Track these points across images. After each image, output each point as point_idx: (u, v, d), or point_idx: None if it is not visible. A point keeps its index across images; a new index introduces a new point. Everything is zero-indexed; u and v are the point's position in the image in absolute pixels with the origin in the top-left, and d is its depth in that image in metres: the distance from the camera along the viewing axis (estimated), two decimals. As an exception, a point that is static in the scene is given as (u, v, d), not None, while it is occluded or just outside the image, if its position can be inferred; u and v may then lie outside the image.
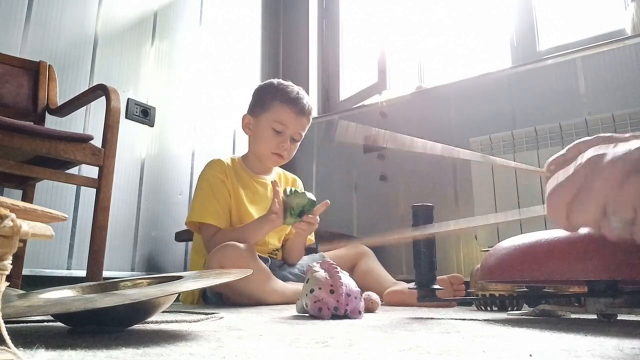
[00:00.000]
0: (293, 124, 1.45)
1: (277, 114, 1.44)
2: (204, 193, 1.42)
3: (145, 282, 0.70)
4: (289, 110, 1.44)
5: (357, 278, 1.54)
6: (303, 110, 1.45)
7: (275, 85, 1.49)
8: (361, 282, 1.50)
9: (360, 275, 1.50)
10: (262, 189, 1.52)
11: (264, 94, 1.49)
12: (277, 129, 1.44)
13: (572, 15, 2.03)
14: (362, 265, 1.54)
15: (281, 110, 1.44)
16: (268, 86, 1.50)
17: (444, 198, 1.99)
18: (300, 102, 1.45)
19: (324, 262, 0.86)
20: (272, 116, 1.45)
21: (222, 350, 0.43)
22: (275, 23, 2.77)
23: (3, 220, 0.30)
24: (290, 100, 1.44)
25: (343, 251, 1.58)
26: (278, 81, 1.51)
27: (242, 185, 1.47)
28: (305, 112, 1.46)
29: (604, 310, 0.77)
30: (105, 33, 1.82)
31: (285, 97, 1.45)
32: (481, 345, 0.48)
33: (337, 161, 2.38)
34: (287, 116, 1.44)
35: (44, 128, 1.25)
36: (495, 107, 1.95)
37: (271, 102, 1.46)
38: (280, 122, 1.44)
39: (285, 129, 1.44)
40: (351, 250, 1.58)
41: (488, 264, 0.84)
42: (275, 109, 1.45)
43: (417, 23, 2.52)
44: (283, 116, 1.44)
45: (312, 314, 0.80)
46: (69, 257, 1.58)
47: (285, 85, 1.49)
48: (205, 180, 1.44)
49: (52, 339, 0.49)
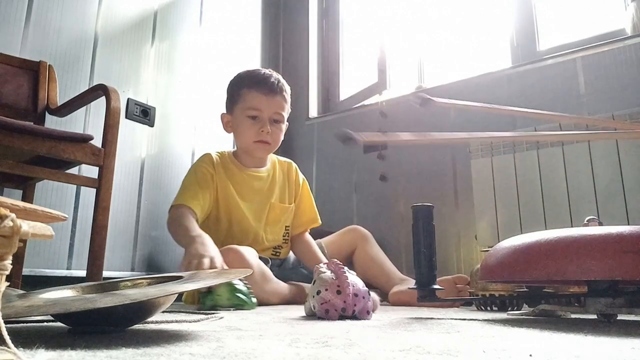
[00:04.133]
0: (265, 105, 1.40)
1: (247, 101, 1.41)
2: (187, 180, 1.40)
3: (145, 282, 0.70)
4: (257, 93, 1.40)
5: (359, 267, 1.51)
6: (272, 88, 1.40)
7: (241, 75, 1.46)
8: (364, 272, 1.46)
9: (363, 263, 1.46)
10: (257, 182, 1.48)
11: (232, 87, 1.46)
12: (251, 114, 1.40)
13: (572, 15, 2.03)
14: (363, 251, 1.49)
15: (250, 96, 1.40)
16: (235, 78, 1.48)
17: (444, 198, 1.99)
18: (267, 81, 1.40)
19: (330, 262, 0.85)
20: (244, 104, 1.41)
21: (222, 350, 0.43)
22: (275, 23, 2.77)
23: (3, 220, 0.30)
24: (256, 83, 1.40)
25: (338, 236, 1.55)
26: (245, 70, 1.48)
27: (232, 180, 1.45)
28: (275, 90, 1.40)
29: (604, 310, 0.77)
30: (105, 33, 1.82)
31: (251, 82, 1.41)
32: (481, 345, 0.48)
33: (337, 161, 2.38)
34: (257, 99, 1.40)
35: (44, 128, 1.25)
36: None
37: (239, 91, 1.43)
38: (252, 107, 1.40)
39: (259, 113, 1.40)
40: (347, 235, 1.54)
41: (488, 264, 0.84)
42: (244, 97, 1.41)
43: (417, 23, 2.52)
44: (253, 101, 1.40)
45: (320, 315, 0.79)
46: (69, 257, 1.58)
47: (250, 71, 1.45)
48: (192, 172, 1.43)
49: (52, 339, 0.48)
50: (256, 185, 1.48)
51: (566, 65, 1.81)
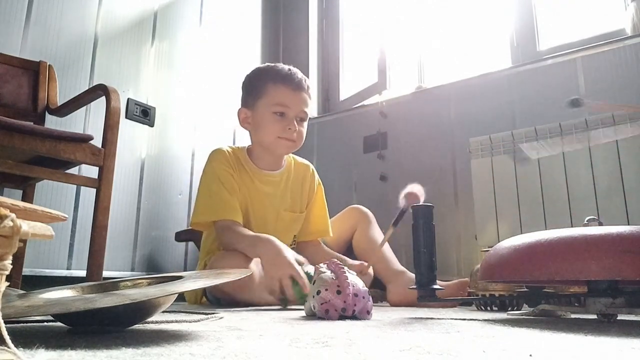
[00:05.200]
0: (294, 101, 1.32)
1: (274, 97, 1.32)
2: (216, 189, 1.29)
3: (145, 282, 0.70)
4: (285, 89, 1.32)
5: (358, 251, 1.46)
6: (300, 85, 1.33)
7: (264, 69, 1.38)
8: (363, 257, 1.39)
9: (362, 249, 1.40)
10: (268, 187, 1.38)
11: (254, 81, 1.37)
12: (278, 110, 1.32)
13: (572, 15, 2.03)
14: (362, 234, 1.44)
15: (277, 91, 1.32)
16: (256, 72, 1.39)
17: (444, 198, 1.99)
18: (295, 77, 1.33)
19: (330, 262, 0.85)
20: (269, 100, 1.32)
21: (222, 350, 0.43)
22: (275, 23, 2.77)
23: (3, 220, 0.30)
24: (283, 78, 1.32)
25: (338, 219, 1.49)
26: (265, 64, 1.39)
27: (243, 181, 1.35)
28: (302, 87, 1.34)
29: (604, 310, 0.77)
30: (105, 33, 1.82)
31: (277, 77, 1.33)
32: (481, 345, 0.48)
33: (337, 161, 2.38)
34: (285, 95, 1.32)
35: (44, 128, 1.25)
36: (495, 107, 1.95)
37: (264, 86, 1.34)
38: (280, 103, 1.32)
39: (287, 110, 1.32)
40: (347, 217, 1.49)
41: (488, 264, 0.84)
42: (270, 92, 1.33)
43: (417, 23, 2.52)
44: (281, 96, 1.32)
45: (320, 315, 0.79)
46: (69, 257, 1.58)
47: (273, 65, 1.37)
48: (216, 178, 1.31)
49: (52, 339, 0.48)
50: (267, 190, 1.38)
51: (566, 65, 1.81)
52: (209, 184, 1.32)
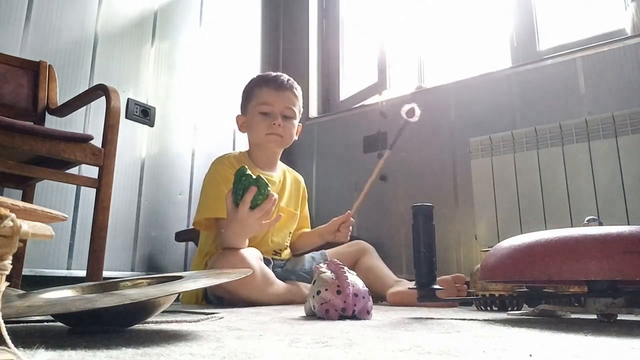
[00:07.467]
0: (276, 100, 1.46)
1: (259, 98, 1.47)
2: (217, 188, 1.36)
3: (145, 282, 0.70)
4: (268, 89, 1.46)
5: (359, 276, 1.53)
6: (282, 84, 1.47)
7: (254, 77, 1.54)
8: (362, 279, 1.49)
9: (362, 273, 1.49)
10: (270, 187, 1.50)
11: (246, 89, 1.53)
12: (263, 110, 1.46)
13: (572, 15, 2.03)
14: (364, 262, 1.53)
15: (261, 93, 1.47)
16: (249, 81, 1.55)
17: (444, 198, 1.99)
18: (278, 78, 1.48)
19: (330, 262, 0.85)
20: (256, 101, 1.47)
21: (222, 350, 0.43)
22: (275, 23, 2.77)
23: (3, 220, 0.30)
24: (267, 82, 1.48)
25: (344, 248, 1.58)
26: (258, 74, 1.56)
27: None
28: (285, 86, 1.47)
29: (604, 310, 0.77)
30: (105, 33, 1.82)
31: (262, 81, 1.49)
32: (481, 345, 0.48)
33: (337, 161, 2.38)
34: (268, 95, 1.46)
35: (44, 128, 1.24)
36: (495, 107, 1.95)
37: (252, 90, 1.49)
38: (264, 102, 1.46)
39: (271, 108, 1.46)
40: (352, 247, 1.58)
41: (488, 264, 0.84)
42: (256, 94, 1.48)
43: (417, 23, 2.52)
44: (264, 97, 1.46)
45: (320, 315, 0.79)
46: (69, 257, 1.58)
47: (264, 74, 1.53)
48: (215, 177, 1.41)
49: (52, 339, 0.49)
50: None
51: (566, 65, 1.81)
52: (212, 185, 1.40)
